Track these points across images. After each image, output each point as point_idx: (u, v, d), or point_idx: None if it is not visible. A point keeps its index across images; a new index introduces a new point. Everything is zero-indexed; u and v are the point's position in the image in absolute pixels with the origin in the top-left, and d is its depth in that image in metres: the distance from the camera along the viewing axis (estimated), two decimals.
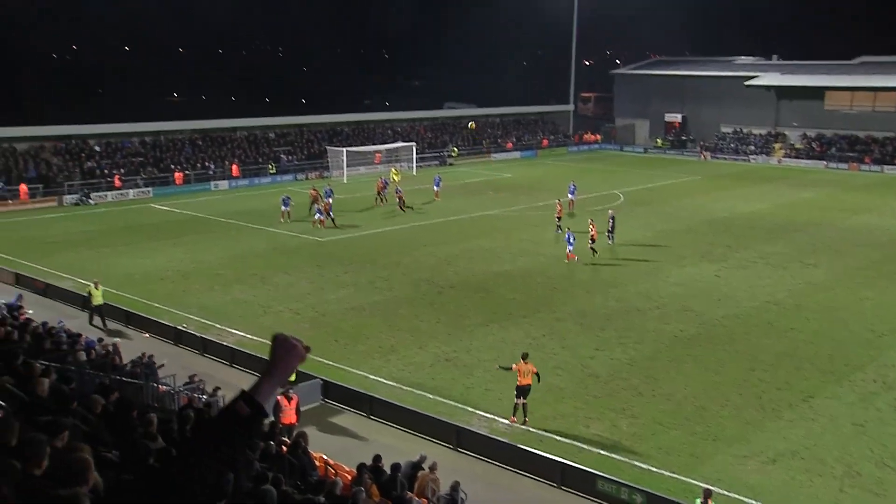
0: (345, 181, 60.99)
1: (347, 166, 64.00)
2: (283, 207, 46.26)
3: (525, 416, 20.45)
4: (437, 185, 54.31)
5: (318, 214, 44.54)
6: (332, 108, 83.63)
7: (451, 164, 74.19)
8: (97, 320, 28.21)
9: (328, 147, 67.98)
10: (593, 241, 37.09)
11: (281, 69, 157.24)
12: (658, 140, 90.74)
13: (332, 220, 44.85)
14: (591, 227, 37.76)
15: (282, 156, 66.65)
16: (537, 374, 20.61)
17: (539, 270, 35.64)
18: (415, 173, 66.53)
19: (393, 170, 60.50)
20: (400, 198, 49.48)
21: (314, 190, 48.27)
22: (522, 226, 45.18)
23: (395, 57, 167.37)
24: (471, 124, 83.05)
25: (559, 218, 43.04)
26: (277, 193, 52.18)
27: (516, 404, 20.50)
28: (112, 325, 28.21)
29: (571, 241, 36.67)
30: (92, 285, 28.56)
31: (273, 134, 69.95)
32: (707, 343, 26.41)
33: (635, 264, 36.72)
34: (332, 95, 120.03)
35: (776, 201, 55.36)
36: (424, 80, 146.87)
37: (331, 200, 46.60)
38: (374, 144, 71.42)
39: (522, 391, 20.37)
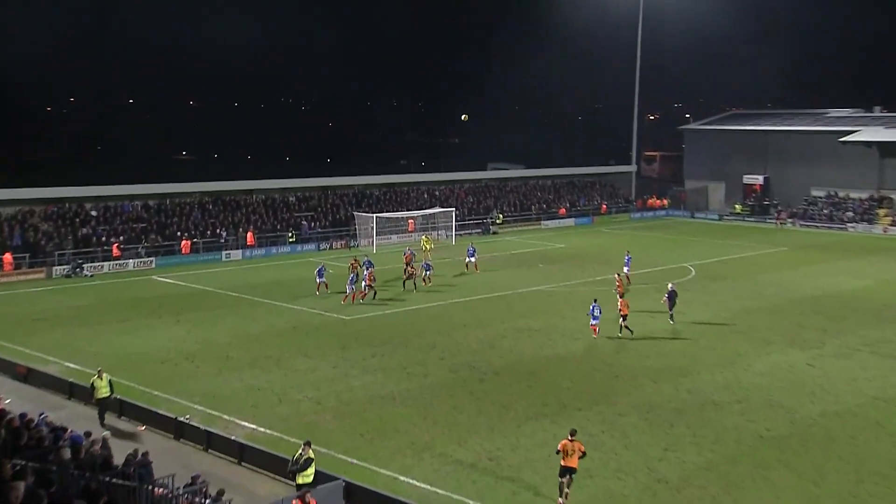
0: (373, 251, 61.38)
1: (377, 234, 64.53)
2: (318, 279, 46.90)
3: (563, 496, 20.95)
4: (472, 256, 54.31)
5: (350, 288, 44.80)
6: (361, 168, 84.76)
7: (495, 233, 74.46)
8: (95, 413, 27.55)
9: (355, 213, 68.72)
10: (624, 318, 37.53)
11: (304, 125, 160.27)
12: (736, 205, 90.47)
13: (364, 292, 45.12)
14: (619, 302, 38.15)
15: (303, 222, 67.45)
16: (584, 453, 21.28)
17: (597, 355, 35.25)
18: (454, 243, 66.76)
19: (424, 238, 60.75)
20: (412, 273, 48.51)
21: (354, 261, 48.88)
22: (577, 303, 44.86)
23: (433, 111, 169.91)
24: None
25: (621, 294, 42.89)
26: (296, 265, 52.50)
27: (561, 483, 21.04)
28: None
29: (596, 314, 37.10)
30: (95, 375, 27.91)
31: (294, 197, 70.96)
32: (801, 446, 25.67)
33: (710, 349, 36.17)
34: (360, 154, 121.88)
35: (882, 277, 54.61)
36: (466, 137, 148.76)
37: (370, 271, 47.04)
38: (407, 210, 72.13)
39: (566, 472, 20.99)
